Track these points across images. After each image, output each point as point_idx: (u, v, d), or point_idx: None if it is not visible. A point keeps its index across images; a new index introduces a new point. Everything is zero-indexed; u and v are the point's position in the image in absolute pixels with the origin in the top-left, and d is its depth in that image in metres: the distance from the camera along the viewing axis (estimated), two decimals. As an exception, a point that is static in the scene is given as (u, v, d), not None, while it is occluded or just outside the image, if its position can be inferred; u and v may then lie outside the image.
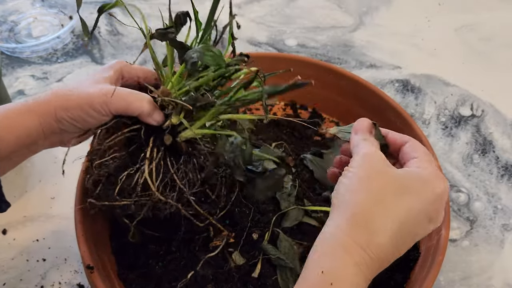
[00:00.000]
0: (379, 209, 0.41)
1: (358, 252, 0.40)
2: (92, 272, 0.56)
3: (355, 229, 0.40)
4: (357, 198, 0.41)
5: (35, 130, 0.49)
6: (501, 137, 0.86)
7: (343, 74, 0.79)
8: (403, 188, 0.42)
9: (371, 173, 0.42)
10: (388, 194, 0.41)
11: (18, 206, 0.74)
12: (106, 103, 0.50)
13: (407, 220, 0.42)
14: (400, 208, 0.41)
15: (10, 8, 1.05)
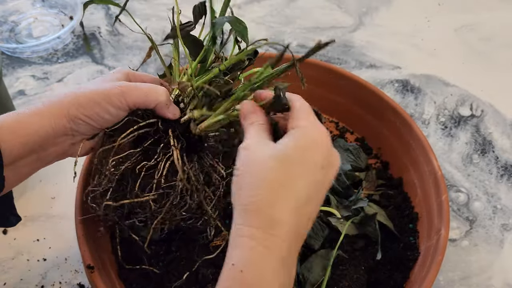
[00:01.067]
0: (266, 191, 0.41)
1: (262, 236, 0.40)
2: (93, 272, 0.56)
3: (251, 218, 0.41)
4: (245, 191, 0.42)
5: (45, 133, 0.47)
6: (500, 137, 0.87)
7: (343, 74, 0.79)
8: (282, 159, 0.42)
9: (250, 164, 0.42)
10: (270, 172, 0.41)
11: (18, 206, 0.74)
12: (123, 95, 0.48)
13: (299, 186, 0.42)
14: (287, 179, 0.41)
15: (11, 8, 1.05)
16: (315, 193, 0.43)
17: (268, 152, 0.43)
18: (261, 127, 0.46)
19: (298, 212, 0.41)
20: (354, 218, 0.66)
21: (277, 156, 0.42)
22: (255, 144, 0.44)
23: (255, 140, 0.44)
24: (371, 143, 0.80)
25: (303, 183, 0.42)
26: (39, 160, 0.50)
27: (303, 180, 0.42)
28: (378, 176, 0.74)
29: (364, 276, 0.62)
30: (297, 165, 0.42)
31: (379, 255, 0.64)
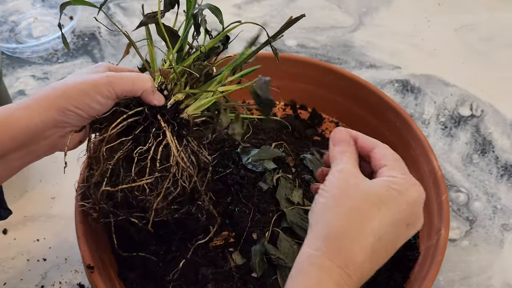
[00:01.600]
0: (354, 227, 0.41)
1: (336, 272, 0.40)
2: (93, 272, 0.56)
3: (332, 248, 0.40)
4: (332, 217, 0.41)
5: (35, 126, 0.48)
6: (500, 137, 0.87)
7: (343, 74, 0.79)
8: (377, 201, 0.42)
9: (344, 191, 0.42)
10: (362, 211, 0.41)
11: (18, 206, 0.75)
12: (111, 84, 0.49)
13: (385, 233, 0.42)
14: (376, 222, 0.41)
15: (11, 8, 1.05)
16: (392, 246, 0.43)
17: (366, 187, 0.43)
18: (354, 158, 0.46)
19: (372, 257, 0.41)
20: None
21: (374, 195, 0.42)
22: (353, 172, 0.44)
23: (351, 167, 0.44)
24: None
25: (389, 234, 0.42)
26: (29, 154, 0.50)
27: (390, 231, 0.42)
28: (378, 176, 0.74)
29: (364, 276, 0.62)
30: (390, 212, 0.42)
31: (379, 255, 0.64)
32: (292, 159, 0.74)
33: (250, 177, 0.65)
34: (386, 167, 0.45)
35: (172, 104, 0.53)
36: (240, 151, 0.68)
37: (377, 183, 0.44)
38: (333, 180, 0.44)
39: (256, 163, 0.66)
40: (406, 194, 0.43)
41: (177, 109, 0.54)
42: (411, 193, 0.44)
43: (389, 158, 0.46)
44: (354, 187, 0.43)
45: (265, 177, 0.66)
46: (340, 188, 0.43)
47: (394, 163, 0.46)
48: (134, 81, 0.50)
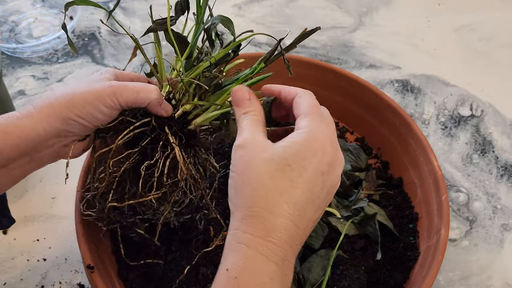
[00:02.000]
0: (264, 197, 0.41)
1: (259, 243, 0.40)
2: (93, 272, 0.56)
3: (249, 224, 0.40)
4: (243, 195, 0.41)
5: (37, 135, 0.47)
6: (500, 137, 0.87)
7: (343, 74, 0.79)
8: (282, 164, 0.41)
9: (247, 166, 0.42)
10: (269, 179, 0.41)
11: (18, 206, 0.75)
12: (115, 94, 0.48)
13: (298, 191, 0.41)
14: (285, 184, 0.41)
15: (11, 8, 1.05)
16: (314, 199, 0.43)
17: (266, 155, 0.42)
18: (256, 118, 0.45)
19: (295, 219, 0.41)
20: (354, 218, 0.66)
21: (276, 160, 0.42)
22: (252, 143, 0.43)
23: (250, 137, 0.43)
24: (371, 143, 0.80)
25: (302, 189, 0.42)
26: (32, 162, 0.50)
27: (302, 186, 0.42)
28: (378, 176, 0.74)
29: (364, 276, 0.62)
30: (296, 171, 0.42)
31: (379, 255, 0.64)
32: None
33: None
34: (299, 117, 0.45)
35: (180, 115, 0.52)
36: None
37: (280, 145, 0.43)
38: (236, 157, 0.43)
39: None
40: (310, 142, 0.42)
41: (185, 120, 0.53)
42: (315, 140, 0.43)
43: (303, 105, 0.45)
44: (255, 159, 0.42)
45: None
46: (243, 165, 0.42)
47: (307, 109, 0.45)
48: (138, 92, 0.49)
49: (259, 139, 0.43)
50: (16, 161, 0.48)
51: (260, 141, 0.43)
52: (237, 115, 0.46)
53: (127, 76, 0.55)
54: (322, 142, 0.43)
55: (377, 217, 0.65)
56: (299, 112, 0.45)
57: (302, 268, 0.61)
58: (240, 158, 0.42)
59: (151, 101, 0.49)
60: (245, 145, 0.43)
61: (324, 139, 0.43)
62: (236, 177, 0.42)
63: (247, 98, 0.46)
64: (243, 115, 0.46)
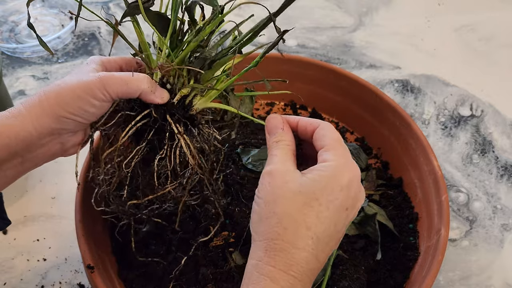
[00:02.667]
0: (290, 232, 0.41)
1: (282, 277, 0.40)
2: (93, 272, 0.56)
3: (273, 256, 0.41)
4: (267, 225, 0.41)
5: (28, 134, 0.45)
6: (500, 137, 0.87)
7: (343, 74, 0.79)
8: (310, 197, 0.42)
9: (275, 195, 0.42)
10: (296, 212, 0.41)
11: (18, 206, 0.75)
12: (104, 86, 0.46)
13: (323, 228, 0.42)
14: (310, 220, 0.41)
15: (11, 8, 1.05)
16: (336, 234, 0.43)
17: (295, 186, 0.42)
18: (288, 148, 0.45)
19: (317, 253, 0.42)
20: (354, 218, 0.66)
21: (304, 193, 0.42)
22: (281, 174, 0.43)
23: (280, 167, 0.43)
24: (371, 143, 0.80)
25: (327, 224, 0.42)
26: (25, 163, 0.48)
27: (327, 221, 0.42)
28: (378, 176, 0.74)
29: (364, 276, 0.62)
30: (323, 205, 0.42)
31: (379, 255, 0.64)
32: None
33: (250, 177, 0.65)
34: (323, 149, 0.45)
35: (179, 99, 0.51)
36: (240, 151, 0.68)
37: (308, 177, 0.43)
38: (264, 184, 0.43)
39: (256, 163, 0.66)
40: (338, 178, 0.43)
41: (184, 104, 0.51)
42: (343, 175, 0.43)
43: (327, 138, 0.45)
44: (284, 189, 0.42)
45: (265, 177, 0.66)
46: (271, 193, 0.42)
47: (331, 143, 0.45)
48: (128, 82, 0.47)
49: (289, 169, 0.43)
50: (8, 162, 0.46)
51: (290, 170, 0.43)
52: (269, 143, 0.46)
53: (115, 62, 0.53)
54: (349, 177, 0.43)
55: (377, 217, 0.65)
56: (323, 144, 0.45)
57: (302, 268, 0.61)
58: (268, 185, 0.42)
59: (142, 90, 0.48)
60: (274, 173, 0.43)
61: (351, 174, 0.44)
62: (262, 204, 0.42)
63: (281, 128, 0.46)
64: (275, 143, 0.45)
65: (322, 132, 0.46)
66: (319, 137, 0.46)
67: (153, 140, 0.51)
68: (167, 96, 0.50)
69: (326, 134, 0.46)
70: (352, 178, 0.44)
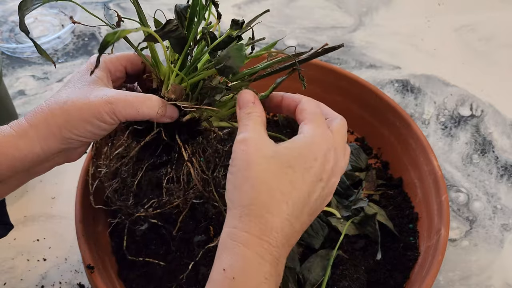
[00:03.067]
0: (264, 197, 0.41)
1: (255, 242, 0.40)
2: (93, 272, 0.56)
3: (247, 222, 0.40)
4: (241, 192, 0.41)
5: (35, 155, 0.45)
6: (500, 137, 0.87)
7: (343, 74, 0.79)
8: (284, 164, 0.42)
9: (248, 162, 0.42)
10: (270, 177, 0.41)
11: (18, 206, 0.75)
12: (113, 111, 0.45)
13: (297, 193, 0.42)
14: (284, 187, 0.41)
15: (11, 8, 1.05)
16: (310, 203, 0.43)
17: (269, 152, 0.42)
18: (259, 119, 0.45)
19: (292, 219, 0.42)
20: (354, 218, 0.66)
21: (278, 159, 0.42)
22: (254, 141, 0.43)
23: (253, 135, 0.43)
24: (371, 143, 0.80)
25: (301, 191, 0.42)
26: (30, 175, 0.48)
27: (302, 188, 0.42)
28: (378, 176, 0.74)
29: (364, 276, 0.62)
30: (298, 173, 0.42)
31: (379, 255, 0.64)
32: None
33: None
34: (302, 122, 0.45)
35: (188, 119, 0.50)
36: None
37: (282, 145, 0.43)
38: (237, 152, 0.42)
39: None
40: (312, 148, 0.43)
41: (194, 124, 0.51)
42: (318, 145, 0.43)
43: (307, 113, 0.46)
44: (257, 155, 0.42)
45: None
46: (243, 160, 0.42)
47: (309, 116, 0.45)
48: (138, 110, 0.46)
49: (262, 137, 0.43)
50: (12, 177, 0.46)
51: (263, 138, 0.43)
52: (240, 116, 0.46)
53: (119, 63, 0.52)
54: (324, 149, 0.43)
55: (377, 217, 0.65)
56: (303, 118, 0.46)
57: (302, 268, 0.61)
58: (241, 153, 0.42)
59: (152, 117, 0.47)
60: (247, 140, 0.43)
61: (327, 146, 0.44)
62: (236, 172, 0.42)
63: (252, 101, 0.46)
64: (246, 115, 0.46)
65: (302, 107, 0.46)
66: (299, 111, 0.46)
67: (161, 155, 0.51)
68: (176, 114, 0.49)
69: (306, 108, 0.46)
70: (328, 149, 0.44)
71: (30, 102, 0.89)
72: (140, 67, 0.53)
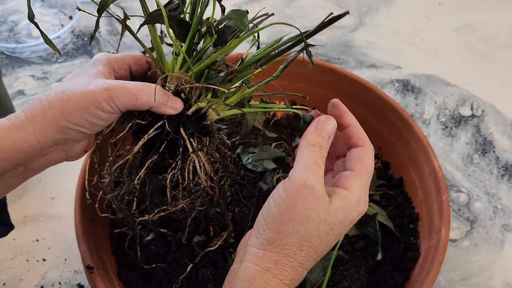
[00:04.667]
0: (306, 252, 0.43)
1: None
2: (92, 272, 0.56)
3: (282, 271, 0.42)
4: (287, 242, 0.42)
5: (31, 147, 0.43)
6: (501, 137, 0.86)
7: (343, 74, 0.79)
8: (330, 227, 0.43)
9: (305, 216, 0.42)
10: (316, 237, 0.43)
11: (18, 206, 0.74)
12: (112, 99, 0.44)
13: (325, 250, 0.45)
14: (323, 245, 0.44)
15: (10, 8, 1.05)
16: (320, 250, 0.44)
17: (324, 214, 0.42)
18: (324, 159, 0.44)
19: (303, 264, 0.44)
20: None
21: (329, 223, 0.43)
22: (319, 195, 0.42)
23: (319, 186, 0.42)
24: (372, 143, 0.79)
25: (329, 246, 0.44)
26: (27, 172, 0.47)
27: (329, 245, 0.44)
28: (378, 176, 0.74)
29: (365, 276, 0.62)
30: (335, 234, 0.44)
31: (379, 255, 0.64)
32: (292, 159, 0.73)
33: (250, 177, 0.65)
34: (351, 172, 0.45)
35: (194, 111, 0.48)
36: (240, 151, 0.68)
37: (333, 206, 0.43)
38: (298, 197, 0.42)
39: (256, 163, 0.66)
40: (353, 212, 0.44)
41: (200, 116, 0.49)
42: (357, 211, 0.44)
43: (364, 168, 0.45)
44: (314, 213, 0.42)
45: (265, 177, 0.66)
46: (301, 210, 0.42)
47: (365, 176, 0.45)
48: (137, 96, 0.45)
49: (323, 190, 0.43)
50: (9, 172, 0.45)
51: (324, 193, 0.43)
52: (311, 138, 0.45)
53: (123, 61, 0.50)
54: (359, 213, 0.45)
55: (377, 217, 0.65)
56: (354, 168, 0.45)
57: (303, 269, 0.61)
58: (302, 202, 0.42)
59: (152, 105, 0.46)
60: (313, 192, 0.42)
61: (361, 210, 0.45)
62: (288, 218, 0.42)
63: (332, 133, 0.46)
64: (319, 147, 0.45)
65: (363, 156, 0.46)
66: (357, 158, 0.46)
67: (165, 153, 0.49)
68: (180, 106, 0.48)
69: (366, 162, 0.46)
70: (361, 213, 0.45)
71: (29, 102, 0.89)
72: (145, 67, 0.52)
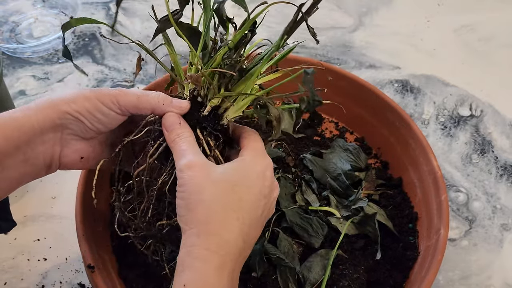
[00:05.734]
0: (219, 215, 0.44)
1: (214, 258, 0.43)
2: (93, 272, 0.57)
3: (206, 239, 0.43)
4: (198, 213, 0.44)
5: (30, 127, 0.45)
6: (500, 137, 0.87)
7: (343, 75, 0.79)
8: (232, 184, 0.45)
9: (200, 186, 0.44)
10: (222, 198, 0.45)
11: (19, 206, 0.75)
12: (116, 96, 0.47)
13: (247, 209, 0.46)
14: (236, 203, 0.45)
15: (11, 8, 1.05)
16: (257, 218, 0.47)
17: (217, 175, 0.45)
18: (192, 140, 0.47)
19: (244, 235, 0.45)
20: (354, 218, 0.66)
21: (227, 180, 0.45)
22: (200, 165, 0.45)
23: (196, 158, 0.45)
24: (371, 143, 0.80)
25: (249, 207, 0.46)
26: (27, 164, 0.48)
27: (249, 204, 0.46)
28: (377, 176, 0.74)
29: (364, 275, 0.62)
30: (243, 190, 0.46)
31: (378, 254, 0.64)
32: (292, 159, 0.74)
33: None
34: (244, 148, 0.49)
35: (209, 111, 0.49)
36: (240, 151, 0.68)
37: (226, 167, 0.47)
38: (185, 178, 0.45)
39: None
40: (252, 167, 0.47)
41: (216, 116, 0.50)
42: (256, 165, 0.48)
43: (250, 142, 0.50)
44: (206, 180, 0.45)
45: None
46: (194, 185, 0.44)
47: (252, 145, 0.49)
48: (139, 96, 0.48)
49: (205, 160, 0.46)
50: (10, 157, 0.46)
51: (206, 161, 0.46)
52: (170, 139, 0.48)
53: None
54: (262, 168, 0.48)
55: (376, 216, 0.66)
56: (245, 145, 0.49)
57: (302, 268, 0.61)
58: (190, 179, 0.44)
59: (154, 104, 0.48)
60: (193, 166, 0.45)
61: (264, 166, 0.48)
62: (188, 197, 0.44)
63: (178, 122, 0.48)
64: (177, 138, 0.47)
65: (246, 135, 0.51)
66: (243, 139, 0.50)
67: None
68: (186, 105, 0.49)
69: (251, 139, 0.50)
70: (265, 167, 0.48)
71: (30, 102, 0.89)
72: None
